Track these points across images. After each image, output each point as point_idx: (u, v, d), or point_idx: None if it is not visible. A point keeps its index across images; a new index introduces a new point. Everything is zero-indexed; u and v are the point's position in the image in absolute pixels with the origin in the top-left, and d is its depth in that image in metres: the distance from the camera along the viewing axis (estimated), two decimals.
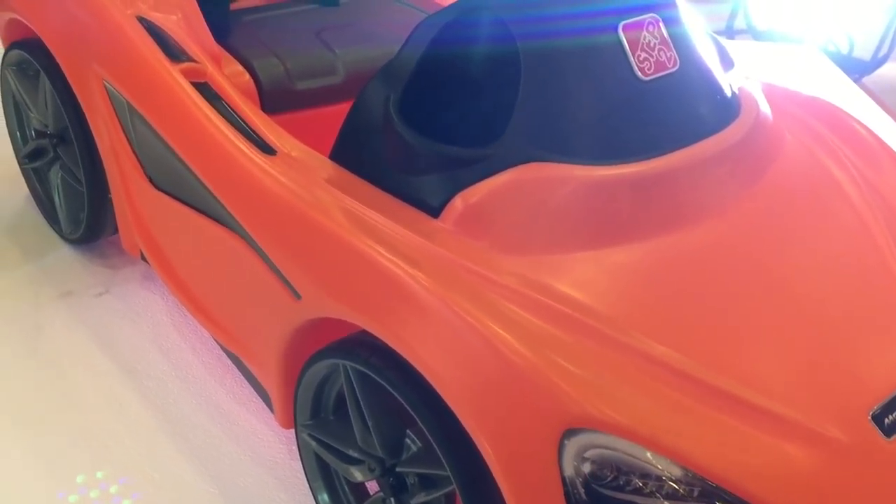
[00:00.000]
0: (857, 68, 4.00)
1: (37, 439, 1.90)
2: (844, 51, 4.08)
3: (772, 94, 1.80)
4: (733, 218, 1.52)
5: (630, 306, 1.36)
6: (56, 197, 2.42)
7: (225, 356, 2.02)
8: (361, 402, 1.50)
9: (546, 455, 1.22)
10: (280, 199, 1.56)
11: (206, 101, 1.74)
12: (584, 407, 1.22)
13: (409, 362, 1.35)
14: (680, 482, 1.20)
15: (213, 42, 1.96)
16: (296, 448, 1.72)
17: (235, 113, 1.73)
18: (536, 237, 1.41)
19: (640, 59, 1.50)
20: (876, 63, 3.76)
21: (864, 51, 3.86)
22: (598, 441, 1.21)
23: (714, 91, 1.62)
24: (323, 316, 1.51)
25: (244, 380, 1.95)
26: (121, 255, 2.34)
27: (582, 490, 1.22)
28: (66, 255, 2.43)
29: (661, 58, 1.53)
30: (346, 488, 1.68)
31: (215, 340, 1.96)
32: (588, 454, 1.22)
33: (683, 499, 1.19)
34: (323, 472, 1.68)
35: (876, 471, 1.25)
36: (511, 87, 1.46)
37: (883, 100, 2.10)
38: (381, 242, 1.42)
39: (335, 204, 1.51)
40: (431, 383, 1.33)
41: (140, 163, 1.98)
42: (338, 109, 2.16)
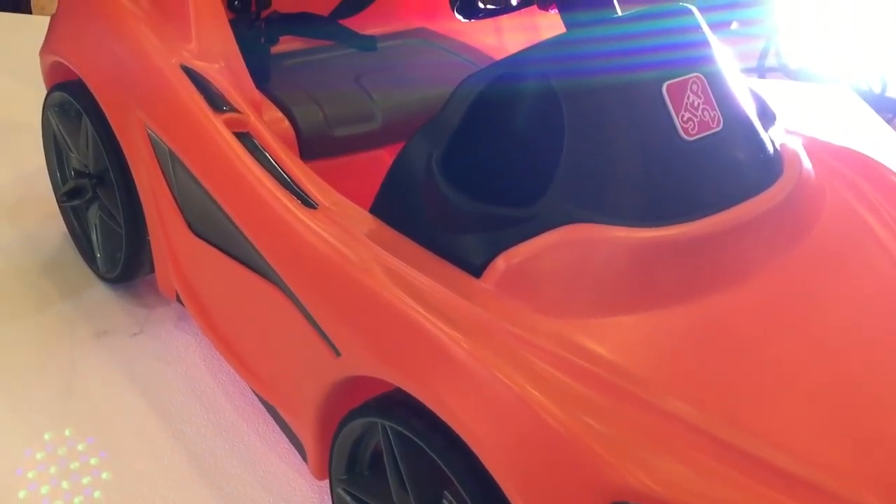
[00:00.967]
0: (889, 108, 3.98)
1: None
2: (877, 90, 4.06)
3: (810, 146, 1.78)
4: (776, 279, 1.50)
5: (671, 371, 1.35)
6: (94, 235, 2.44)
7: (258, 402, 2.02)
8: (399, 462, 1.49)
9: None
10: (321, 254, 1.56)
11: (247, 153, 1.75)
12: (626, 478, 1.21)
13: (448, 425, 1.35)
14: None
15: (254, 89, 1.97)
16: (328, 499, 1.71)
17: (277, 164, 1.74)
18: (578, 300, 1.41)
19: (684, 120, 1.50)
20: None
21: None
22: None
23: (757, 150, 1.61)
24: (362, 374, 1.51)
25: (277, 427, 1.95)
26: (156, 295, 2.35)
27: None
28: (101, 293, 2.44)
29: (705, 117, 1.52)
30: None
31: (249, 387, 1.96)
32: None
33: None
34: None
35: None
36: (555, 146, 1.46)
37: None
38: (421, 302, 1.41)
39: (376, 261, 1.51)
40: (470, 445, 1.32)
41: (179, 208, 1.99)
42: (375, 155, 2.17)
